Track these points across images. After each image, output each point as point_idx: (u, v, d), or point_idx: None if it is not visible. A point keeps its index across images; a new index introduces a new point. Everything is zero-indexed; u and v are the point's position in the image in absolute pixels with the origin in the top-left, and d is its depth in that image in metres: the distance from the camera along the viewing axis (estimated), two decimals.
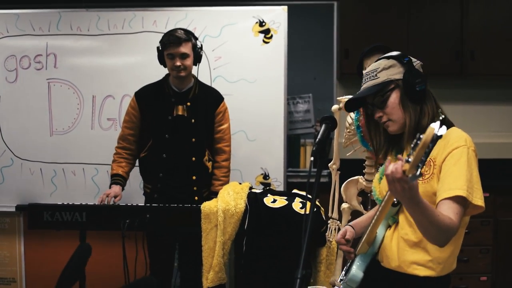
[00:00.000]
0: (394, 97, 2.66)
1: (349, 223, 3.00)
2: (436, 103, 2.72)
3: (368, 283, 2.71)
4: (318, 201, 4.37)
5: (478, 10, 5.96)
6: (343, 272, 2.96)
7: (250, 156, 5.46)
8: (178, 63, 4.43)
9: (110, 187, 4.59)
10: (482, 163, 6.17)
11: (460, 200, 2.44)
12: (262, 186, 5.35)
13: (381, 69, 2.68)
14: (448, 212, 2.42)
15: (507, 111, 6.46)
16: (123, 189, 4.62)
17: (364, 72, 2.79)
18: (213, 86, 5.14)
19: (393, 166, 2.19)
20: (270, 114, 5.45)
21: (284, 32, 5.44)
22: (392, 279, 2.69)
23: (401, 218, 2.66)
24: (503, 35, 5.95)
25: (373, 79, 2.69)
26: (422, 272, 2.60)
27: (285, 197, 4.32)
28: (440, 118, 2.66)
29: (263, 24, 5.43)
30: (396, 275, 2.67)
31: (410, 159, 2.00)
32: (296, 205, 4.21)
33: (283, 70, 5.44)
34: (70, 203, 4.35)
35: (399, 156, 2.38)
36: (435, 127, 1.94)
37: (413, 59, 2.71)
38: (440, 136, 1.94)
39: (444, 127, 1.95)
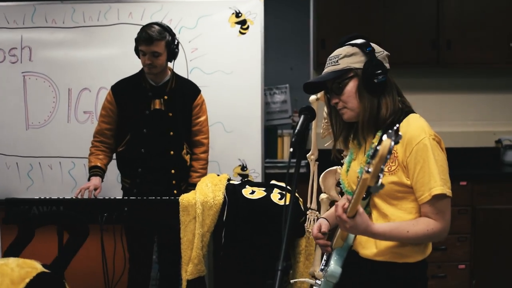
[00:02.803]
0: (351, 86, 2.63)
1: (322, 216, 3.02)
2: (399, 94, 2.71)
3: (347, 275, 2.71)
4: (297, 192, 4.37)
5: None
6: (323, 262, 2.97)
7: (228, 148, 5.44)
8: (149, 61, 4.41)
9: (89, 180, 4.55)
10: (459, 152, 6.27)
11: (439, 197, 2.49)
12: (240, 178, 5.34)
13: (343, 55, 2.65)
14: (429, 216, 2.51)
15: (484, 100, 6.49)
16: (102, 181, 4.59)
17: (328, 57, 2.77)
18: (189, 77, 5.14)
19: (339, 207, 2.35)
20: (247, 105, 5.44)
21: (261, 23, 5.42)
22: (370, 268, 2.69)
23: (374, 211, 2.66)
24: (480, 23, 5.96)
25: (334, 65, 2.66)
26: (399, 258, 2.61)
27: (264, 188, 4.32)
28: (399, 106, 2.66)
29: (240, 15, 5.41)
30: (374, 264, 2.66)
31: (370, 170, 2.01)
32: (275, 196, 4.21)
33: (260, 61, 5.42)
34: (47, 197, 4.32)
35: (348, 196, 2.45)
36: (391, 138, 1.94)
37: (378, 49, 2.67)
38: (397, 143, 1.96)
39: (400, 134, 1.96)
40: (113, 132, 4.65)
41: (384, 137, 1.96)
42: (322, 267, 2.94)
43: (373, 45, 2.67)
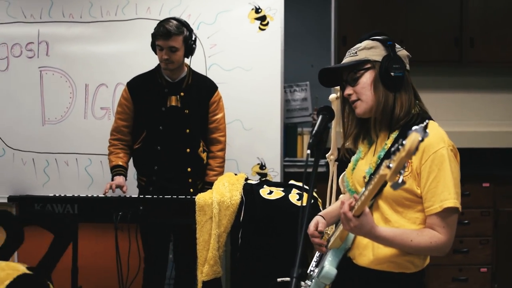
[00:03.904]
0: (366, 77, 2.55)
1: (319, 213, 2.92)
2: (416, 95, 2.61)
3: (339, 282, 2.64)
4: (316, 192, 4.29)
5: None
6: (313, 263, 2.89)
7: (246, 146, 5.36)
8: (166, 56, 4.35)
9: (112, 180, 4.49)
10: (482, 153, 6.16)
11: (450, 211, 2.40)
12: (259, 177, 5.27)
13: (362, 47, 2.58)
14: (434, 228, 2.41)
15: (508, 99, 6.38)
16: (126, 179, 4.53)
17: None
18: (208, 74, 5.09)
19: (345, 204, 2.27)
20: (267, 102, 5.35)
21: (281, 19, 5.34)
22: (364, 276, 2.60)
23: (376, 214, 2.56)
24: (503, 21, 5.87)
25: (352, 56, 2.60)
26: (396, 268, 2.52)
27: (282, 189, 4.25)
28: (417, 110, 2.56)
29: (259, 10, 5.33)
30: (369, 272, 2.58)
31: (391, 165, 1.90)
32: (293, 196, 4.14)
33: (279, 57, 5.33)
34: (61, 195, 4.28)
35: (355, 195, 2.33)
36: (419, 133, 1.84)
37: (398, 46, 2.59)
38: (423, 140, 1.85)
39: (427, 132, 1.85)
40: (130, 129, 4.59)
41: (412, 131, 1.85)
42: (312, 268, 2.84)
43: (394, 42, 2.59)
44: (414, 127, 1.86)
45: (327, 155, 4.08)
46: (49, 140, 5.44)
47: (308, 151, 2.41)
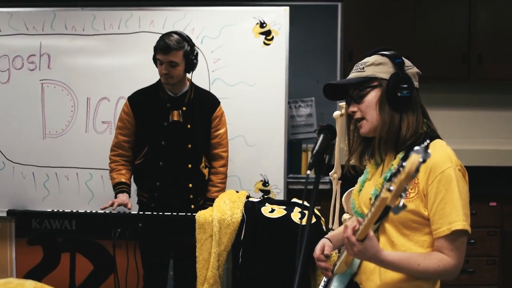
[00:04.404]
0: (372, 95, 2.47)
1: (326, 236, 2.83)
2: (425, 114, 2.52)
3: None
4: (319, 210, 4.21)
5: (486, 12, 5.80)
6: (321, 287, 2.80)
7: (249, 162, 5.31)
8: (165, 71, 4.29)
9: (116, 198, 4.39)
10: (490, 171, 6.07)
11: (459, 233, 2.30)
12: (261, 194, 5.20)
13: (370, 63, 2.50)
14: (443, 251, 2.32)
15: None
16: (129, 196, 4.44)
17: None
18: (211, 89, 5.06)
19: (349, 228, 2.19)
20: (270, 118, 5.30)
21: (286, 34, 5.29)
22: None
23: (382, 237, 2.48)
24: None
25: (359, 71, 2.51)
26: None
27: (284, 207, 4.17)
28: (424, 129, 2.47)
29: (264, 25, 5.27)
30: None
31: (392, 188, 1.82)
32: (295, 215, 4.06)
33: (284, 73, 5.29)
34: (59, 210, 4.19)
35: (359, 218, 2.24)
36: (420, 154, 1.75)
37: (408, 64, 2.50)
38: (424, 161, 1.76)
39: (429, 152, 1.77)
40: (131, 144, 4.52)
41: (412, 153, 1.78)
42: None
43: (403, 59, 2.50)
44: (416, 148, 1.78)
45: (330, 173, 4.00)
46: (50, 153, 5.40)
47: (308, 172, 2.32)
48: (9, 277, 5.53)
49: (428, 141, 1.89)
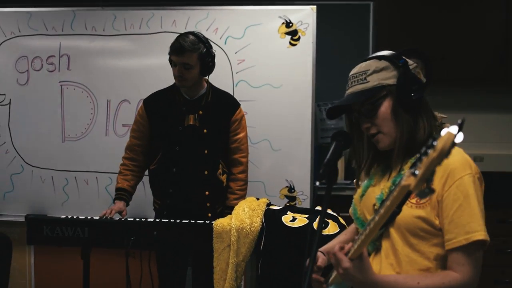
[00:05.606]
0: (385, 106, 2.25)
1: (320, 249, 2.60)
2: (433, 114, 2.31)
3: None
4: (341, 217, 4.00)
5: None
6: None
7: (275, 167, 5.12)
8: (178, 73, 4.13)
9: (114, 202, 4.28)
10: None
11: (479, 245, 2.08)
12: (286, 200, 5.00)
13: (371, 71, 2.26)
14: (453, 266, 2.10)
15: None
16: (127, 204, 4.31)
17: (350, 74, 2.36)
18: (235, 91, 4.94)
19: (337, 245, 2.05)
20: (297, 122, 5.11)
21: (313, 34, 5.09)
22: None
23: (386, 244, 2.25)
24: None
25: (362, 83, 2.27)
26: None
27: (307, 215, 3.98)
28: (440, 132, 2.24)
29: (290, 25, 5.09)
30: None
31: (417, 172, 1.57)
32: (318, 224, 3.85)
33: (311, 74, 5.09)
34: (72, 217, 4.03)
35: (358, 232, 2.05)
36: (454, 132, 1.51)
37: (409, 61, 2.29)
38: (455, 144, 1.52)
39: (461, 133, 1.51)
40: (143, 148, 4.37)
41: (444, 131, 1.52)
42: None
43: (403, 57, 2.29)
44: (449, 127, 1.53)
45: (354, 181, 3.80)
46: (69, 157, 5.30)
47: (317, 183, 2.11)
48: (26, 285, 5.46)
49: (460, 120, 1.62)
